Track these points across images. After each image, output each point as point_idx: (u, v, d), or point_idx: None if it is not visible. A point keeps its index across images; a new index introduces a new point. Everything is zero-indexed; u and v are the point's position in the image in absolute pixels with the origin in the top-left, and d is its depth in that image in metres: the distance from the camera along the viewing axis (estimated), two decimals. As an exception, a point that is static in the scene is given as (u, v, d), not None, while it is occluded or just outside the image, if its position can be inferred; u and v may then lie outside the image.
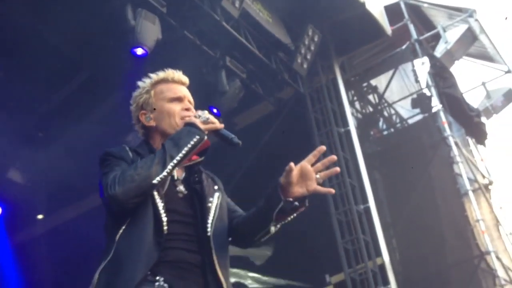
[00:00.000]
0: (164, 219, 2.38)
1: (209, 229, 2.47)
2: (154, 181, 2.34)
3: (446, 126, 10.00)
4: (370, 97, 11.21)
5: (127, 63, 6.93)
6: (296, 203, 2.40)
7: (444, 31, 10.87)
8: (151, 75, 2.71)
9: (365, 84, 11.17)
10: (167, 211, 2.41)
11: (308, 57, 8.64)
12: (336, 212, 8.35)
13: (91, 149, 4.72)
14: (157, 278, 2.32)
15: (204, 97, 7.42)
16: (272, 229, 2.45)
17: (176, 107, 2.62)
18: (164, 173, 2.35)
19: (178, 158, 2.38)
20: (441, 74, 10.69)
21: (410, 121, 11.23)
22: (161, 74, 2.70)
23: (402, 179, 9.83)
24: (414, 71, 10.88)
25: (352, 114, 9.88)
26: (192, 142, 2.41)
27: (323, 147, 2.44)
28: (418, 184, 9.62)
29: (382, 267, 8.17)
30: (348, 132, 8.97)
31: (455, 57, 11.11)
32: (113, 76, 7.45)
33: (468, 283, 9.23)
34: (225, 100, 7.77)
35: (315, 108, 9.08)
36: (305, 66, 8.63)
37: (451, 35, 10.85)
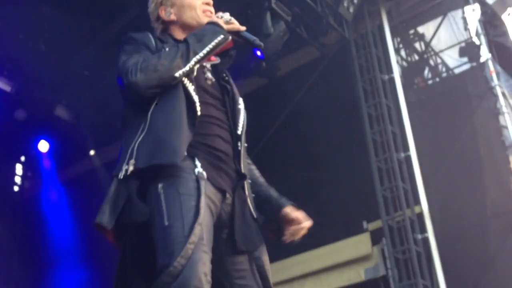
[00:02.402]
0: (196, 99, 2.37)
1: (240, 129, 2.49)
2: (176, 75, 2.32)
3: (493, 75, 9.74)
4: (417, 45, 10.96)
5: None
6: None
7: (498, -24, 10.49)
8: None
9: (411, 31, 10.90)
10: (198, 93, 2.40)
11: (355, 1, 8.48)
12: (376, 159, 8.33)
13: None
14: (196, 162, 2.29)
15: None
16: None
17: (197, 1, 2.63)
18: (187, 68, 2.34)
19: (201, 54, 2.37)
20: (492, 22, 10.35)
21: (457, 71, 10.97)
22: None
23: (445, 129, 9.69)
24: (464, 18, 10.52)
25: (397, 61, 9.70)
26: (216, 40, 2.41)
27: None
28: (461, 134, 9.48)
29: (420, 215, 8.17)
30: (392, 80, 8.85)
31: (508, 4, 10.73)
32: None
33: (507, 235, 9.18)
34: (269, 43, 7.72)
35: (359, 54, 8.96)
36: (351, 10, 8.48)
37: (505, -19, 10.47)
